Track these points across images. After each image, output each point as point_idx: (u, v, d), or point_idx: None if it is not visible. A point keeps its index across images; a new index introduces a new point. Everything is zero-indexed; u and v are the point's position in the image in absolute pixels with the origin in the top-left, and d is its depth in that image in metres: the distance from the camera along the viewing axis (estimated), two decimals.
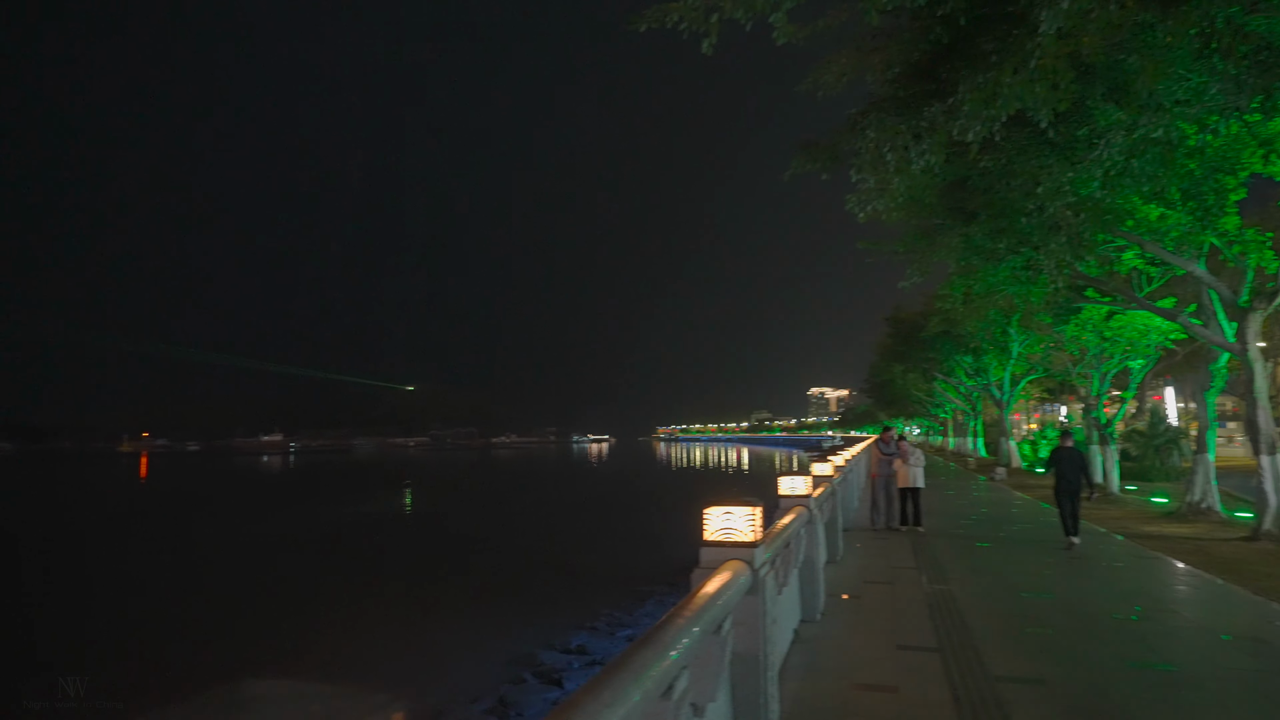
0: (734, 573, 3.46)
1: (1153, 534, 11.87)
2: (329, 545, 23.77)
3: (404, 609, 14.83)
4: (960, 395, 38.76)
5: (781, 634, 5.30)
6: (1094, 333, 17.48)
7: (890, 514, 12.64)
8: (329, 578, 18.02)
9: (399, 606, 15.06)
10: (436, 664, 11.17)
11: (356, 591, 16.28)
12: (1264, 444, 10.57)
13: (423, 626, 13.31)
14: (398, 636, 12.63)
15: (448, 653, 11.74)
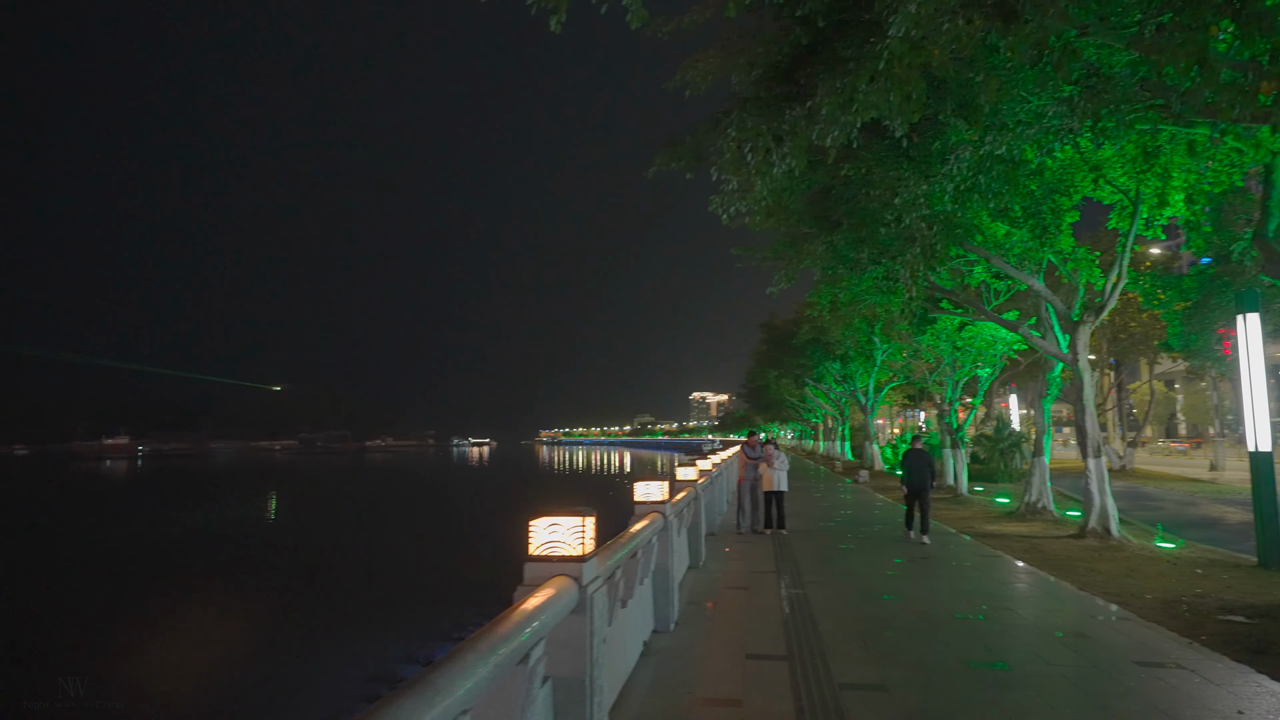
0: (557, 590, 3.14)
1: (995, 533, 12.55)
2: (124, 563, 21.68)
3: (267, 627, 13.63)
4: (829, 401, 40.36)
5: (626, 650, 5.04)
6: (947, 342, 18.46)
7: (755, 517, 12.75)
8: (136, 596, 16.36)
9: (261, 624, 13.83)
10: (289, 685, 10.30)
11: (179, 609, 14.84)
12: (1090, 448, 11.38)
13: (280, 646, 12.26)
14: (250, 658, 11.55)
15: (299, 673, 10.85)
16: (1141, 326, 30.90)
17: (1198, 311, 14.64)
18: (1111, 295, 11.14)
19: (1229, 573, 9.02)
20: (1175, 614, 6.95)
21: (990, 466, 24.95)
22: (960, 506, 16.95)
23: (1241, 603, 7.22)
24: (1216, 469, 31.40)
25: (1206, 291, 14.48)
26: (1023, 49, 4.82)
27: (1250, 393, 9.47)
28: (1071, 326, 11.70)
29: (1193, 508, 17.70)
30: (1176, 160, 9.98)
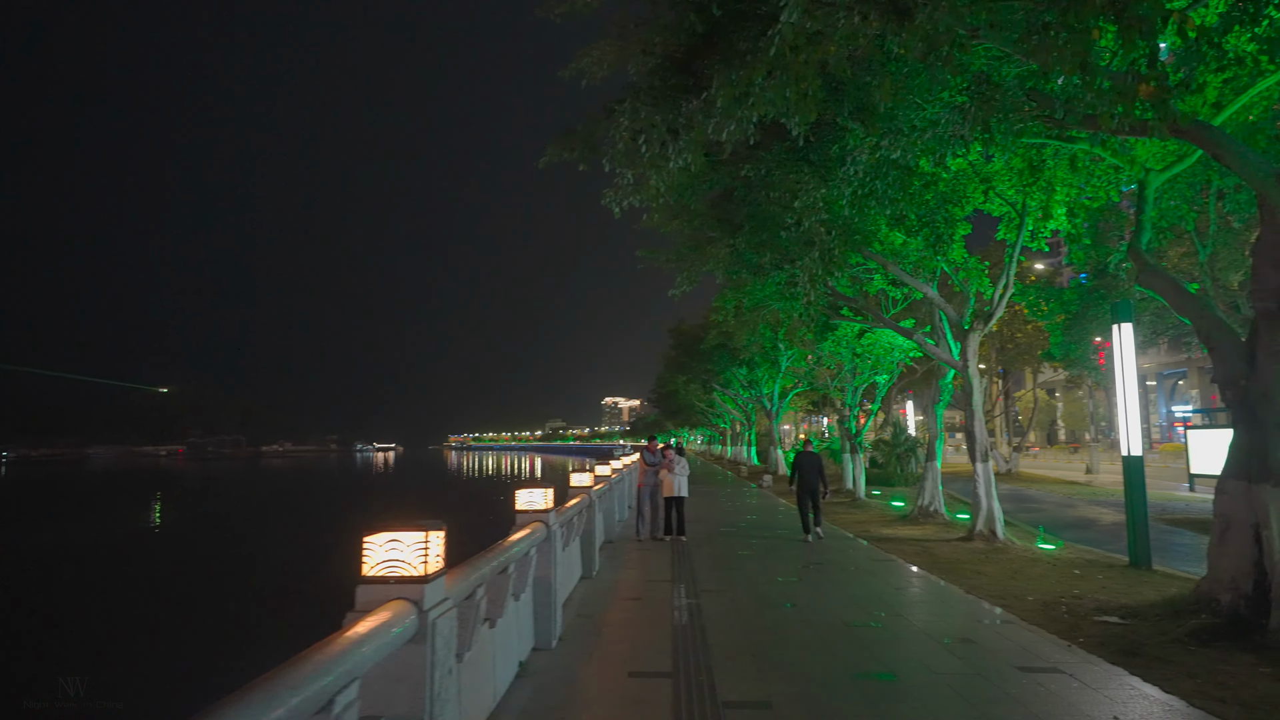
0: (389, 618, 2.71)
1: (889, 536, 12.72)
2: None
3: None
4: (736, 406, 40.84)
5: (495, 674, 4.61)
6: (847, 349, 18.79)
7: (655, 524, 12.50)
8: None
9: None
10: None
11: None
12: (979, 453, 11.68)
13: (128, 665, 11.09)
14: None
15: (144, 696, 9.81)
16: (1026, 337, 32.57)
17: (1077, 322, 15.37)
18: (999, 304, 11.48)
19: (1103, 573, 9.34)
20: (1055, 616, 7.05)
21: (888, 470, 25.67)
22: (858, 510, 17.24)
23: (1115, 603, 7.42)
24: (1092, 471, 33.45)
25: (1085, 303, 15.21)
26: (914, 45, 4.71)
27: (1124, 399, 9.88)
28: (962, 334, 12.01)
29: (1071, 509, 18.62)
30: (1060, 175, 10.34)
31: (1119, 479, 28.67)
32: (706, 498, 21.52)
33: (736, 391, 35.85)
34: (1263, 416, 6.00)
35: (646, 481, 12.48)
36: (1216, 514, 6.46)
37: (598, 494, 10.13)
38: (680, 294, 12.15)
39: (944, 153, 7.64)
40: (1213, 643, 5.74)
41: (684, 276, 11.99)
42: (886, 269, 11.99)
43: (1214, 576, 6.37)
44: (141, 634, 12.95)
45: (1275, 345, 5.95)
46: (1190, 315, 6.96)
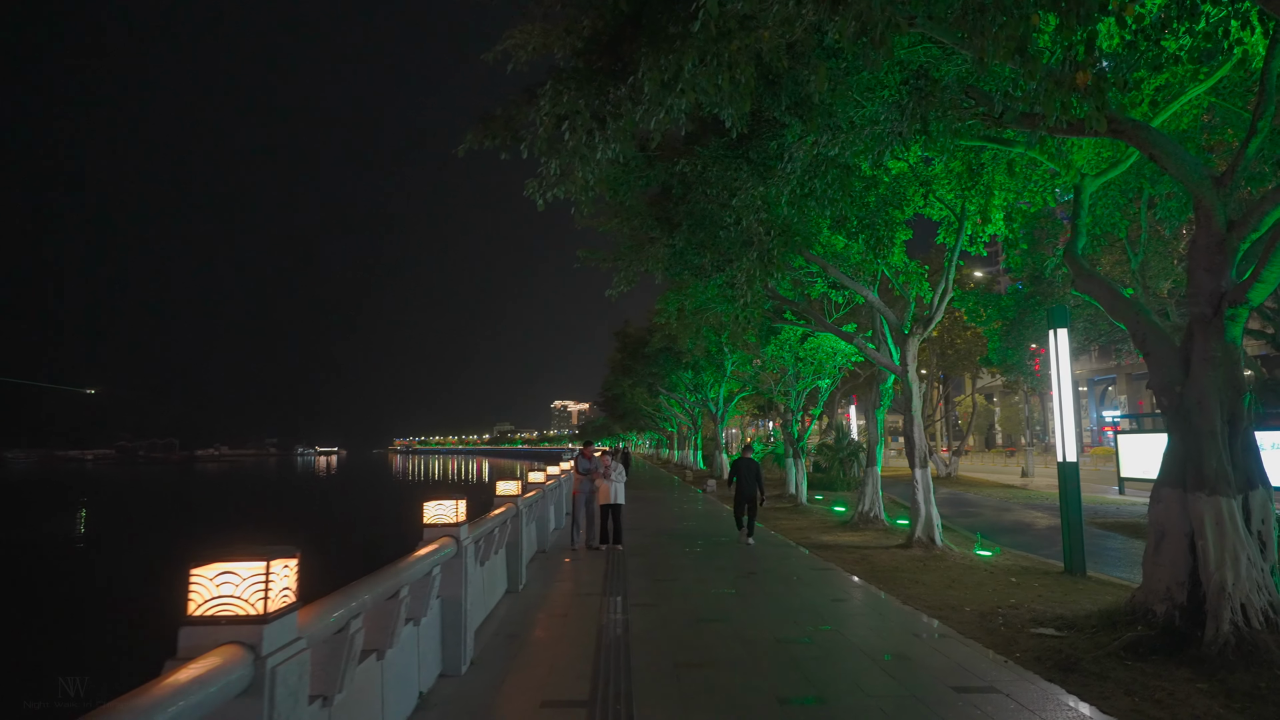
0: (209, 670, 2.23)
1: (829, 543, 12.53)
2: None
3: None
4: (683, 410, 40.66)
5: (384, 713, 4.12)
6: (790, 353, 18.69)
7: (591, 532, 12.07)
8: None
9: None
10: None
11: None
12: (918, 458, 11.56)
13: None
14: None
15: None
16: (965, 343, 33.12)
17: (1014, 328, 15.49)
18: (939, 308, 11.40)
19: (1039, 580, 9.25)
20: (992, 628, 6.86)
21: (831, 475, 25.72)
22: (799, 516, 17.09)
23: (1051, 613, 7.27)
24: (1027, 475, 34.21)
25: (1022, 309, 15.34)
26: (847, 27, 4.41)
27: (1060, 404, 9.84)
28: (902, 339, 11.90)
29: (1007, 513, 18.81)
30: (998, 179, 10.28)
31: (1053, 482, 29.15)
32: (650, 503, 21.16)
33: (682, 395, 35.66)
34: (1197, 424, 5.88)
35: (582, 489, 12.04)
36: (1151, 523, 6.33)
37: (528, 503, 9.65)
38: (617, 294, 11.77)
39: (883, 150, 7.42)
40: (1149, 656, 5.58)
41: (621, 276, 11.62)
42: (827, 272, 11.82)
43: (1149, 587, 6.24)
44: None
45: (1209, 351, 5.83)
46: (1126, 320, 6.85)
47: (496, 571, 7.95)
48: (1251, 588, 5.53)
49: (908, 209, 11.51)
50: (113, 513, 43.44)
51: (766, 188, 8.79)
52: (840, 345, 17.81)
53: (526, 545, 10.23)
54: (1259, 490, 5.82)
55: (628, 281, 11.61)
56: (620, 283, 11.59)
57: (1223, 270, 5.73)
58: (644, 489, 27.67)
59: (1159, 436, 25.24)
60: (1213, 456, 5.77)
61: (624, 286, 11.63)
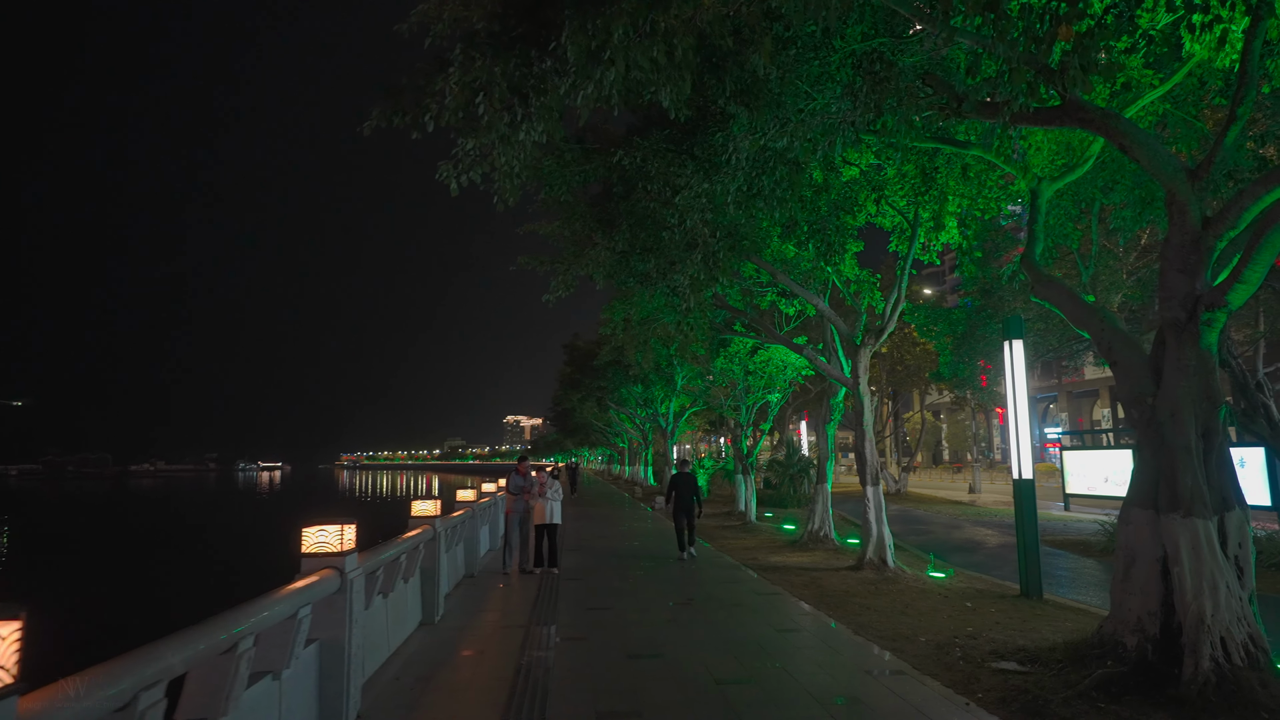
0: None
1: (777, 565, 11.91)
2: None
3: None
4: (633, 425, 39.93)
5: None
6: (740, 366, 18.15)
7: (524, 555, 11.23)
8: None
9: None
10: None
11: None
12: (869, 475, 11.04)
13: None
14: None
15: None
16: (915, 359, 33.18)
17: (965, 342, 15.21)
18: (891, 318, 10.94)
19: (995, 605, 8.75)
20: (950, 662, 6.26)
21: (781, 492, 25.25)
22: (748, 535, 16.47)
23: (1012, 644, 6.72)
24: (975, 491, 34.35)
25: (973, 323, 15.07)
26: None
27: (1015, 417, 9.41)
28: (854, 350, 11.41)
29: (957, 530, 18.51)
30: (951, 184, 9.88)
31: (1000, 498, 29.22)
32: (595, 521, 20.34)
33: (633, 410, 34.94)
34: (1170, 438, 5.40)
35: (515, 509, 11.22)
36: (1120, 546, 5.82)
37: (450, 525, 8.80)
38: (555, 299, 11.03)
39: (833, 142, 6.87)
40: (1123, 696, 5.02)
41: (560, 280, 10.89)
42: (776, 279, 11.26)
43: (1118, 617, 5.71)
44: None
45: (1184, 359, 5.36)
46: (1090, 328, 6.38)
47: (406, 603, 7.09)
48: (1231, 619, 5.03)
49: (860, 215, 11.06)
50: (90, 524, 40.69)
51: (712, 185, 8.18)
52: (791, 358, 17.35)
53: (449, 571, 9.37)
54: (1235, 511, 5.35)
55: (566, 286, 10.89)
56: (558, 287, 10.87)
57: (1198, 271, 5.27)
58: (592, 506, 26.85)
59: (1103, 453, 25.43)
60: (1187, 474, 5.28)
61: (562, 291, 10.91)
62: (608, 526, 18.79)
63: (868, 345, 11.05)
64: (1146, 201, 9.93)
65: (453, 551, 9.72)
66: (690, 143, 8.58)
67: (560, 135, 5.96)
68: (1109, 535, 14.05)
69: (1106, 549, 13.75)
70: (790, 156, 7.77)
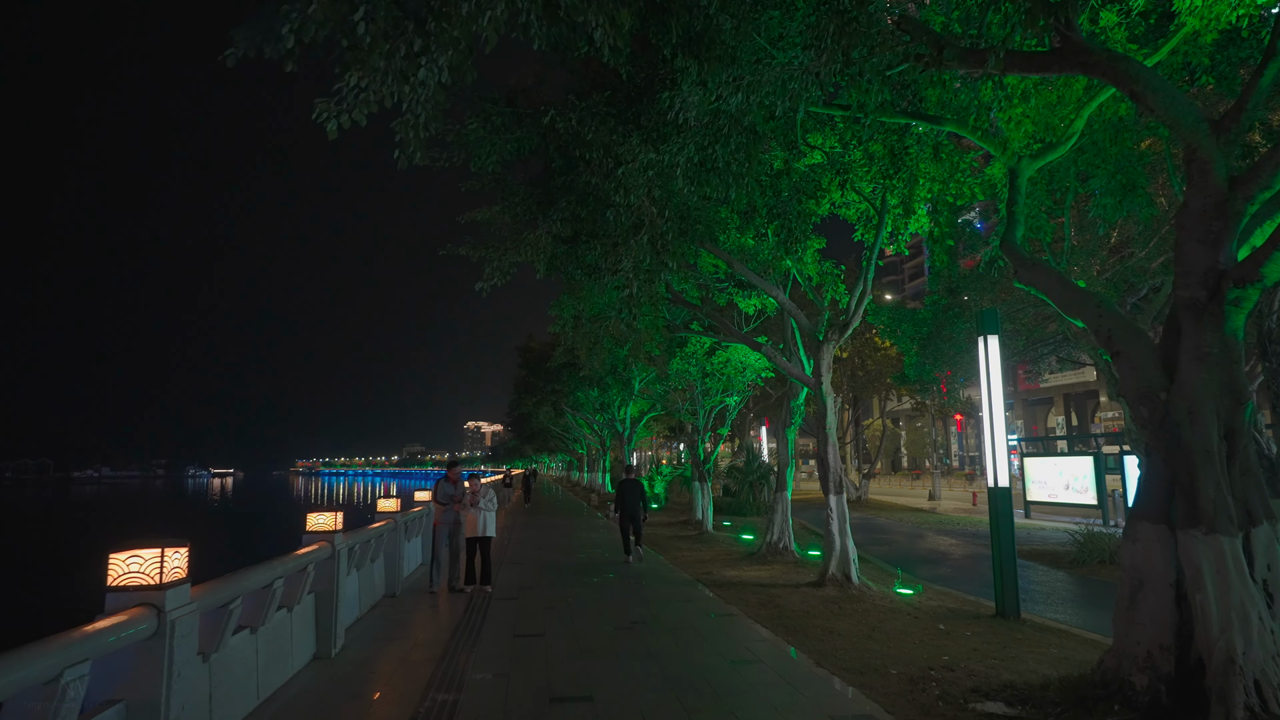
0: None
1: (733, 580, 10.97)
2: None
3: None
4: (591, 430, 38.84)
5: None
6: (697, 367, 17.25)
7: (454, 571, 10.12)
8: None
9: None
10: None
11: None
12: (832, 482, 10.17)
13: None
14: None
15: None
16: (876, 364, 32.70)
17: (931, 343, 14.50)
18: (856, 311, 10.10)
19: (970, 626, 7.91)
20: (926, 703, 5.35)
21: (740, 499, 24.39)
22: (704, 546, 15.52)
23: (996, 678, 5.84)
24: (934, 498, 33.97)
25: (939, 323, 14.37)
26: None
27: (990, 417, 8.60)
28: (816, 346, 10.52)
29: (921, 540, 17.82)
30: (922, 167, 9.08)
31: (960, 505, 28.69)
32: (545, 530, 19.22)
33: (589, 414, 33.84)
34: (1187, 440, 4.56)
35: (444, 520, 10.10)
36: (1125, 567, 4.98)
37: (352, 543, 7.66)
38: (488, 288, 9.92)
39: (795, 102, 5.97)
40: None
41: (493, 268, 9.82)
42: (734, 269, 10.32)
43: (1124, 650, 4.85)
44: None
45: (1203, 346, 4.54)
46: (1085, 315, 5.54)
47: (289, 636, 5.95)
48: (1266, 657, 4.20)
49: (823, 202, 10.22)
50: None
51: (659, 155, 7.22)
52: (750, 358, 16.48)
53: (361, 592, 8.24)
54: (1263, 526, 4.54)
55: (501, 274, 9.82)
56: (492, 275, 9.80)
57: (1221, 241, 4.45)
58: (544, 515, 25.72)
59: (1064, 460, 25.09)
60: (1209, 483, 4.45)
61: (497, 279, 9.84)
62: (557, 536, 17.69)
63: (831, 341, 10.18)
64: (1128, 189, 9.25)
65: (366, 570, 8.58)
66: (635, 109, 7.63)
67: (472, 78, 4.94)
68: (1079, 545, 13.42)
69: (1078, 560, 13.11)
70: (746, 122, 6.85)
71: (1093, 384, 50.37)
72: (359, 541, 7.88)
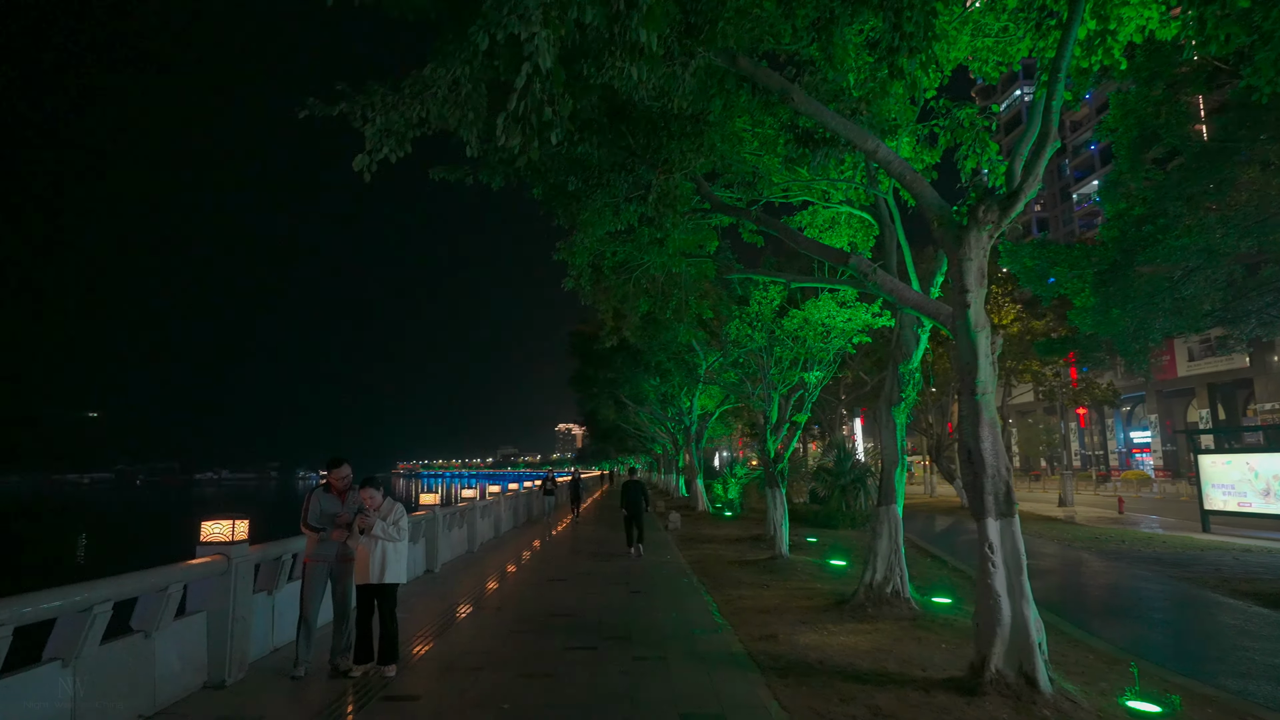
0: None
1: (810, 652, 6.55)
2: None
3: None
4: (661, 426, 34.65)
5: None
6: (763, 332, 12.78)
7: (341, 636, 6.14)
8: None
9: None
10: None
11: None
12: (992, 494, 5.49)
13: None
14: None
15: None
16: (1007, 335, 27.06)
17: (1116, 278, 9.56)
18: (1029, 176, 5.39)
19: None
20: None
21: (830, 508, 19.61)
22: (774, 579, 10.96)
23: None
24: (1066, 504, 28.09)
25: (1129, 247, 9.42)
26: None
27: None
28: (955, 241, 5.79)
29: (1083, 568, 12.71)
30: None
31: (1099, 512, 22.33)
32: (573, 551, 15.14)
33: (653, 407, 29.62)
34: None
35: (319, 555, 6.11)
36: None
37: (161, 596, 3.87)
38: (371, 164, 5.93)
39: None
40: None
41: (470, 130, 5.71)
42: (794, 104, 5.71)
43: None
44: None
45: None
46: None
47: None
48: None
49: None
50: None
51: None
52: (837, 320, 11.87)
53: (125, 693, 4.48)
54: None
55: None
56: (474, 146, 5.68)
57: None
58: (587, 525, 21.67)
59: (1263, 458, 19.02)
60: None
61: (474, 151, 5.77)
62: (584, 560, 13.53)
63: (984, 227, 5.47)
64: None
65: (157, 640, 4.88)
66: None
67: None
68: None
69: None
70: None
71: (1244, 371, 42.52)
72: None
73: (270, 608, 6.72)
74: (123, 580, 4.65)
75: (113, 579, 4.58)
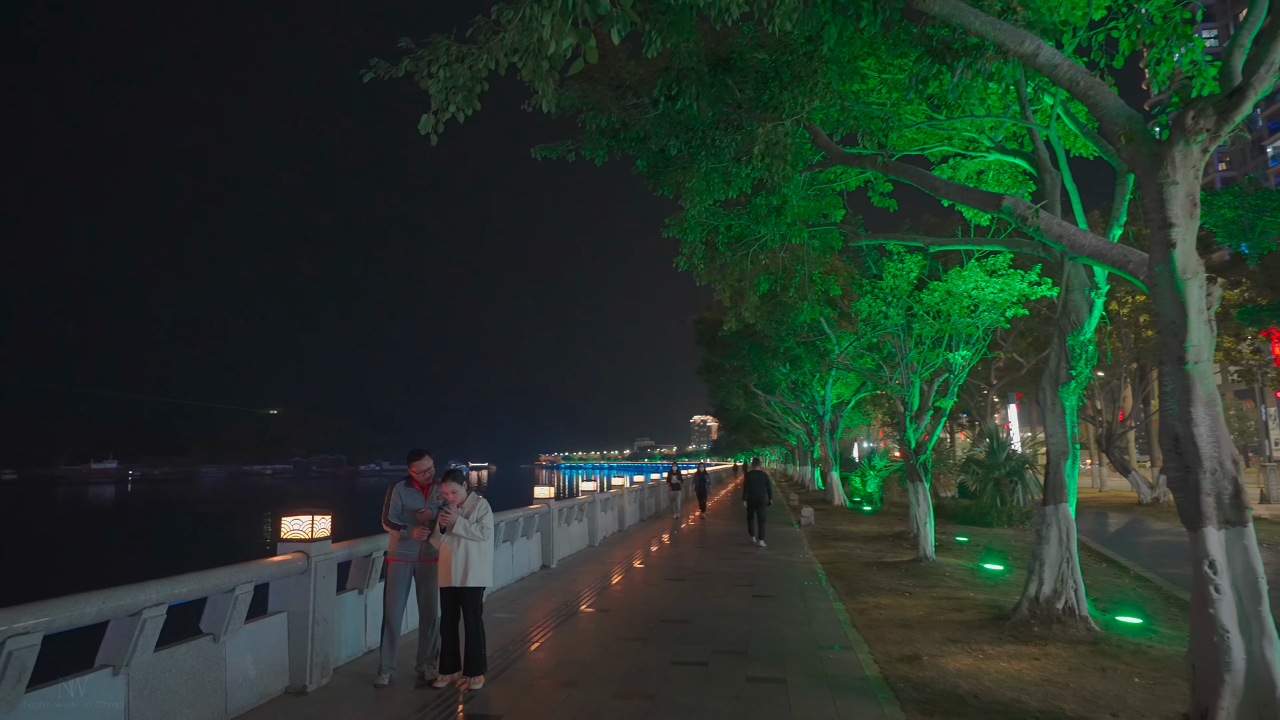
0: None
1: (964, 681, 5.44)
2: None
3: None
4: (793, 415, 33.19)
5: None
6: (899, 308, 11.43)
7: (428, 643, 5.69)
8: None
9: None
10: None
11: None
12: (1213, 494, 4.15)
13: None
14: None
15: None
16: None
17: None
18: (1264, 61, 3.98)
19: None
20: None
21: (982, 504, 17.71)
22: (917, 586, 9.69)
23: None
24: (1269, 501, 24.22)
25: None
26: None
27: None
28: (1150, 157, 4.31)
29: None
30: None
31: None
32: (703, 546, 14.41)
33: (784, 396, 28.26)
34: None
35: (401, 553, 5.68)
36: None
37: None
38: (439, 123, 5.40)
39: None
40: None
41: None
42: (926, 6, 4.48)
43: None
44: None
45: None
46: None
47: None
48: None
49: None
50: None
51: None
52: (986, 290, 10.36)
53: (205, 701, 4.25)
54: None
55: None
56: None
57: None
58: (719, 520, 20.84)
59: None
60: None
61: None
62: (706, 558, 12.72)
63: (1194, 138, 4.07)
64: None
65: (228, 643, 4.55)
66: None
67: None
68: None
69: None
70: None
71: None
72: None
73: (363, 607, 6.41)
74: (177, 582, 4.30)
75: (166, 580, 4.23)
